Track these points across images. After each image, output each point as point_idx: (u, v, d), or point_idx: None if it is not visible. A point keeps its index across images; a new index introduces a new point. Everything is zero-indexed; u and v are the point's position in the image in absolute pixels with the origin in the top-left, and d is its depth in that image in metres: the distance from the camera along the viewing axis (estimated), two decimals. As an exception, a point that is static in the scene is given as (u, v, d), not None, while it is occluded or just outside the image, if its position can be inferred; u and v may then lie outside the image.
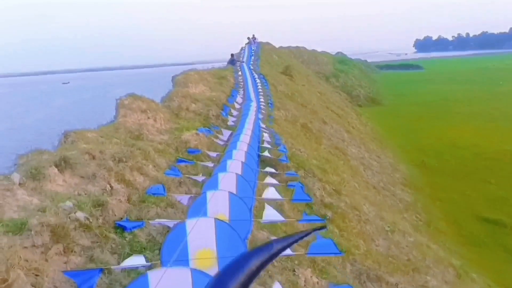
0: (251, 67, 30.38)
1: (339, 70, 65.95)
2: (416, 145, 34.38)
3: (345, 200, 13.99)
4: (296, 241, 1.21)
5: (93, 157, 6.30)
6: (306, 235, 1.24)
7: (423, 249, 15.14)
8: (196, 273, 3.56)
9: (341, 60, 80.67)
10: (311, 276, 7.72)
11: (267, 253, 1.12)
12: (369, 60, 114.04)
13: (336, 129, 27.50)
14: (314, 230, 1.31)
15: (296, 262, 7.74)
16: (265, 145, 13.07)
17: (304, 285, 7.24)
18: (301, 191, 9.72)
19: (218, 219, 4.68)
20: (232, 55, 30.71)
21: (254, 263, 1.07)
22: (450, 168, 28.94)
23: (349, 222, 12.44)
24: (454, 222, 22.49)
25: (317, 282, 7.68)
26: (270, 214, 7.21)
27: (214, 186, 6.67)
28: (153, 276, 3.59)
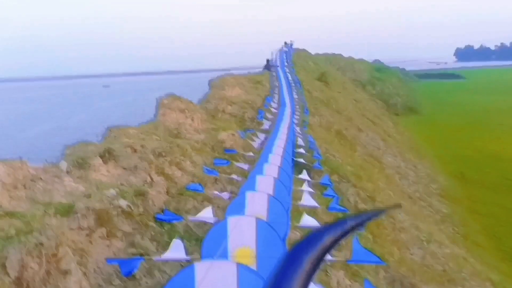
0: (287, 73, 30.49)
1: (376, 78, 65.04)
2: (455, 156, 33.39)
3: (379, 207, 13.79)
4: (369, 218, 1.25)
5: (135, 151, 6.55)
6: (379, 213, 1.28)
7: (459, 261, 14.66)
8: (242, 268, 3.59)
9: (378, 67, 79.57)
10: (343, 278, 7.68)
11: (341, 229, 1.17)
12: (407, 69, 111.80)
13: (371, 137, 27.13)
14: (388, 208, 1.35)
15: (329, 263, 7.72)
16: (300, 150, 13.10)
17: (336, 286, 7.21)
18: (337, 201, 9.77)
19: (259, 218, 4.75)
20: (267, 60, 30.93)
21: (327, 239, 1.13)
22: (491, 181, 27.90)
23: (384, 229, 12.25)
24: (493, 236, 21.65)
25: (350, 285, 7.63)
26: (307, 219, 7.29)
27: (252, 187, 6.79)
28: (200, 267, 3.68)
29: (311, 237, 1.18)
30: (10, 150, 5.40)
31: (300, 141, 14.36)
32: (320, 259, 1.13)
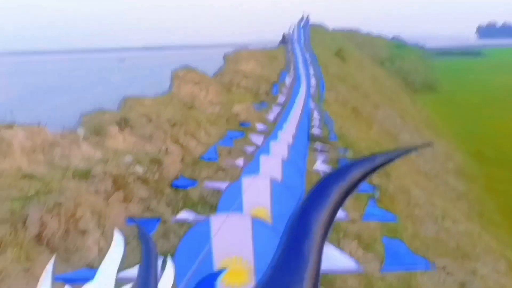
0: (303, 48, 30.11)
1: (394, 54, 63.78)
2: (473, 135, 32.85)
3: (394, 183, 13.71)
4: (398, 156, 1.25)
5: (150, 120, 6.62)
6: (408, 151, 1.28)
7: (474, 238, 14.59)
8: (257, 221, 3.63)
9: (397, 44, 77.93)
10: (356, 249, 7.73)
11: (369, 164, 1.18)
12: (427, 46, 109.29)
13: (388, 114, 26.81)
14: (416, 147, 1.33)
15: (341, 234, 7.76)
16: (315, 123, 13.05)
17: (349, 256, 7.27)
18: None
19: (274, 179, 4.78)
20: (283, 35, 30.55)
21: (357, 172, 1.14)
22: (509, 160, 27.46)
23: (398, 204, 12.21)
24: (509, 214, 21.43)
25: (362, 255, 7.68)
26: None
27: (266, 152, 6.82)
28: (215, 220, 3.75)
29: (341, 170, 1.20)
30: (31, 121, 5.49)
31: (315, 115, 14.30)
32: (348, 191, 1.14)
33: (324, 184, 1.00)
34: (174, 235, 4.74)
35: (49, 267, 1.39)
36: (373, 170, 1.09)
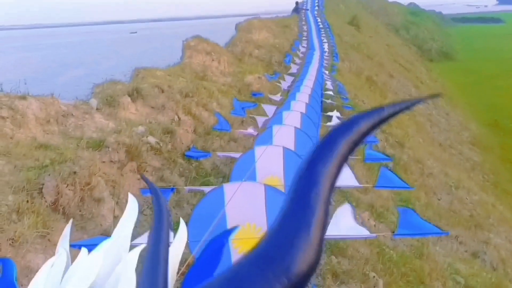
0: (316, 16, 29.49)
1: (410, 22, 62.08)
2: (489, 104, 32.21)
3: (408, 153, 13.65)
4: (408, 107, 1.20)
5: (162, 91, 6.60)
6: (419, 102, 1.22)
7: (488, 207, 14.55)
8: (270, 189, 3.65)
9: (413, 11, 75.76)
10: (368, 219, 7.77)
11: (378, 116, 1.14)
12: (444, 12, 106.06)
13: (403, 84, 26.38)
14: (428, 97, 1.28)
15: (354, 204, 7.79)
16: (328, 92, 12.90)
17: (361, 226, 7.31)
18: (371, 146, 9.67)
19: (286, 147, 4.76)
20: (296, 3, 29.90)
21: (364, 125, 1.10)
22: (526, 130, 26.99)
23: (411, 174, 12.18)
24: (525, 185, 21.23)
25: (375, 225, 7.72)
26: None
27: (279, 122, 6.78)
28: (229, 188, 3.78)
29: (348, 122, 1.17)
30: (45, 93, 5.52)
31: (328, 85, 14.13)
32: (356, 142, 1.11)
33: (331, 136, 0.99)
34: (187, 204, 4.80)
35: (67, 231, 1.40)
36: (382, 121, 1.06)
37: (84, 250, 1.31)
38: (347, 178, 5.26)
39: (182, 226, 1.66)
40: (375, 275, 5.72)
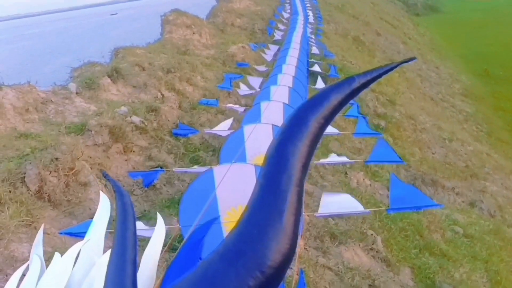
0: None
1: (394, -23, 60.90)
2: (479, 54, 32.01)
3: (399, 110, 13.59)
4: (380, 75, 1.11)
5: (143, 69, 6.45)
6: (392, 69, 1.13)
7: (482, 157, 14.64)
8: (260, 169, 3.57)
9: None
10: (363, 179, 7.79)
11: (349, 87, 1.05)
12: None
13: (391, 41, 26.08)
14: (402, 62, 1.19)
15: (348, 165, 7.78)
16: (314, 59, 12.72)
17: (357, 186, 7.33)
18: (357, 108, 9.59)
19: (276, 125, 4.70)
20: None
21: (334, 98, 1.01)
22: (516, 76, 26.93)
23: (404, 131, 12.17)
24: (518, 131, 21.31)
25: (370, 184, 7.75)
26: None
27: (267, 97, 6.68)
28: (218, 171, 3.73)
29: (317, 98, 1.08)
30: (41, 83, 5.39)
31: (314, 50, 13.92)
32: (328, 118, 1.03)
33: (299, 115, 0.91)
34: (178, 180, 4.75)
35: (39, 237, 1.34)
36: (354, 92, 0.98)
37: (57, 255, 1.25)
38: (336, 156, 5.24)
39: (160, 221, 1.60)
40: (373, 232, 5.76)
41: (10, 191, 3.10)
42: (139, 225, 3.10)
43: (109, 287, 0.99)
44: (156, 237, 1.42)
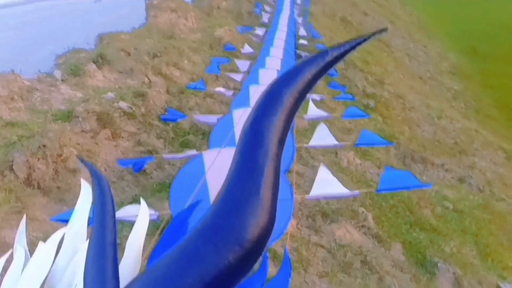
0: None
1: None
2: (466, 32, 32.06)
3: (388, 90, 13.64)
4: (353, 47, 1.11)
5: (129, 54, 6.38)
6: (364, 41, 1.13)
7: (471, 133, 14.79)
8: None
9: None
10: (353, 158, 7.84)
11: (322, 61, 1.05)
12: None
13: (378, 21, 26.00)
14: (374, 34, 1.19)
15: (338, 148, 7.82)
16: (302, 41, 12.64)
17: (347, 165, 7.39)
18: (344, 91, 9.59)
19: None
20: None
21: (308, 72, 1.01)
22: (503, 53, 27.05)
23: (393, 110, 12.23)
24: (506, 107, 21.52)
25: (360, 164, 7.81)
26: (314, 109, 7.14)
27: (255, 81, 6.65)
28: (208, 156, 3.73)
29: (290, 72, 1.07)
30: (26, 72, 5.31)
31: (302, 32, 13.84)
32: (303, 92, 1.02)
33: (273, 90, 0.91)
34: (168, 165, 4.74)
35: (22, 227, 1.34)
36: (328, 66, 0.99)
37: (41, 243, 1.25)
38: (325, 137, 5.24)
39: (143, 204, 1.60)
40: (364, 210, 5.83)
41: (-2, 179, 3.08)
42: (132, 209, 3.10)
43: (89, 269, 0.99)
44: (140, 221, 1.42)
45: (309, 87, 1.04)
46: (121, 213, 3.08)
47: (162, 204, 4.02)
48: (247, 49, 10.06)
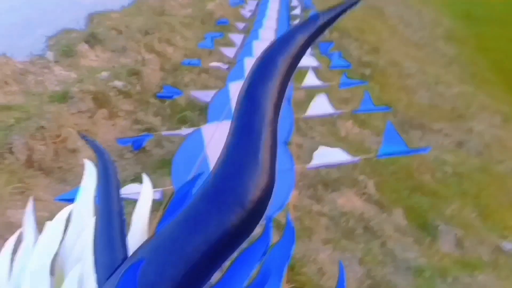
0: None
1: None
2: (461, -5, 31.61)
3: (384, 57, 13.54)
4: (344, 10, 1.10)
5: (120, 32, 6.29)
6: (355, 3, 1.11)
7: (468, 98, 14.76)
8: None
9: None
10: (352, 127, 7.85)
11: (314, 26, 1.03)
12: None
13: (371, -12, 25.58)
14: None
15: (335, 116, 7.81)
16: (295, 11, 12.45)
17: (346, 135, 7.40)
18: (340, 56, 9.47)
19: None
20: None
21: (300, 37, 0.99)
22: (498, 16, 26.69)
23: (389, 77, 12.18)
24: (502, 70, 21.38)
25: (359, 132, 7.82)
26: (310, 79, 7.10)
27: (249, 54, 6.57)
28: (206, 130, 3.71)
29: (284, 38, 1.06)
30: (18, 56, 5.24)
31: (294, 2, 13.63)
32: (296, 57, 1.02)
33: (268, 56, 0.90)
34: (168, 142, 4.74)
35: (30, 207, 1.34)
36: (319, 30, 0.98)
37: (48, 222, 1.25)
38: (322, 106, 5.21)
39: (146, 180, 1.60)
40: (365, 177, 5.87)
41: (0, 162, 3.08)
42: (134, 187, 3.10)
43: (97, 241, 1.01)
44: (144, 196, 1.42)
45: (302, 51, 1.04)
46: (123, 191, 3.08)
47: (164, 180, 4.03)
48: (239, 22, 9.91)
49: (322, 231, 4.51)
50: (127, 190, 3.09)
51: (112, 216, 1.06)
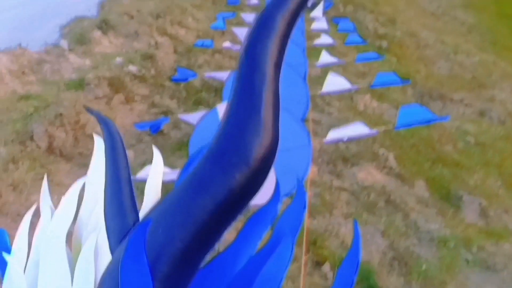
0: None
1: None
2: (479, -40, 30.46)
3: (401, 29, 13.21)
4: None
5: (132, 17, 6.28)
6: None
7: (489, 66, 14.34)
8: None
9: None
10: (370, 101, 7.73)
11: None
12: None
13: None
14: None
15: (353, 91, 7.71)
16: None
17: (364, 109, 7.30)
18: (355, 31, 9.27)
19: None
20: None
21: None
22: (520, -21, 25.73)
23: (407, 49, 11.90)
24: (524, 35, 20.69)
25: (377, 106, 7.70)
26: (326, 57, 7.00)
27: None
28: (222, 109, 3.69)
29: None
30: (33, 46, 5.32)
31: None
32: (294, 15, 0.99)
33: (266, 15, 0.88)
34: (185, 124, 4.75)
35: (45, 186, 1.36)
36: None
37: (62, 199, 1.27)
38: (339, 82, 5.13)
39: (156, 153, 1.60)
40: (384, 151, 5.80)
41: (21, 150, 3.14)
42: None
43: (108, 208, 1.02)
44: (154, 167, 1.42)
45: (300, 9, 1.01)
46: (142, 174, 3.12)
47: (182, 161, 4.05)
48: (252, 1, 9.78)
49: (343, 206, 4.50)
50: (145, 172, 3.13)
51: (120, 182, 1.07)
